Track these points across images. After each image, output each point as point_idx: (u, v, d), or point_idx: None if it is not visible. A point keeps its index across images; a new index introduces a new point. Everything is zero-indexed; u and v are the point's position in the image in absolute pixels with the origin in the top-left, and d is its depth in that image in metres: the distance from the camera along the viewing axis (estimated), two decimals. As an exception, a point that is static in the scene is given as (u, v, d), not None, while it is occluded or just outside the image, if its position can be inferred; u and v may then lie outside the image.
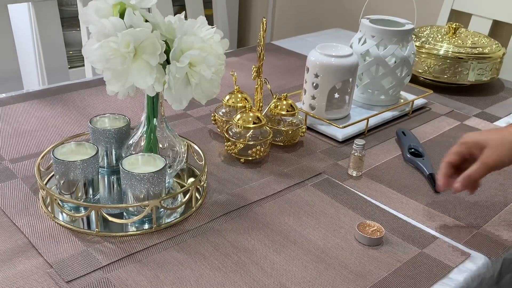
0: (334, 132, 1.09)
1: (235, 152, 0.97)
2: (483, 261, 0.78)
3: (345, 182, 0.95)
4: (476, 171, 0.75)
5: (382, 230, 0.79)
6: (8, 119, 1.09)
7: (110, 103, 1.20)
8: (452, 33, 1.42)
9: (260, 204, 0.87)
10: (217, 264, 0.73)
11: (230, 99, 1.06)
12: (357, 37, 1.20)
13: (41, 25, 1.44)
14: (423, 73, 1.38)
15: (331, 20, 2.37)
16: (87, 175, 0.79)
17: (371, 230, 0.79)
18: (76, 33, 2.22)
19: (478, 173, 0.75)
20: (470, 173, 0.75)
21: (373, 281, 0.72)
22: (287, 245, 0.77)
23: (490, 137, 0.75)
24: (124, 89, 0.73)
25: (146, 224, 0.80)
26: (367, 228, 0.79)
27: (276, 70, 1.48)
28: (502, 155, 0.74)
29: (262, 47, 1.00)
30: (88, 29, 0.72)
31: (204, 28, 0.75)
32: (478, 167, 0.75)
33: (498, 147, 0.74)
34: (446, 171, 0.79)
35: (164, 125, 0.84)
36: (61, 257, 0.72)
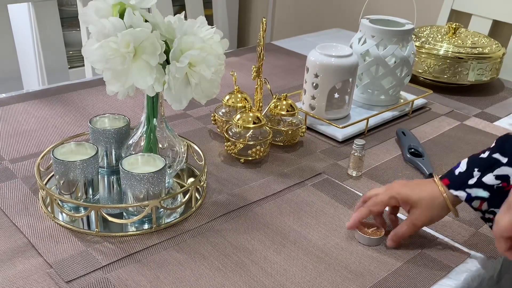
0: (334, 132, 1.09)
1: (235, 152, 0.97)
2: (483, 261, 0.78)
3: (345, 182, 0.95)
4: (406, 231, 0.76)
5: (382, 230, 0.79)
6: (8, 119, 1.09)
7: (110, 103, 1.20)
8: (452, 33, 1.42)
9: (260, 204, 0.87)
10: (217, 264, 0.73)
11: (230, 99, 1.06)
12: (357, 37, 1.20)
13: (41, 25, 1.44)
14: (423, 73, 1.38)
15: (331, 20, 2.37)
16: (87, 175, 0.79)
17: (371, 230, 0.79)
18: (76, 33, 2.22)
19: (408, 232, 0.76)
20: (399, 233, 0.77)
21: (373, 281, 0.72)
22: (287, 245, 0.77)
23: (420, 197, 0.75)
24: (124, 89, 0.73)
25: (146, 224, 0.80)
26: (367, 228, 0.79)
27: (276, 70, 1.48)
28: (432, 216, 0.75)
29: (262, 47, 1.00)
30: (88, 29, 0.72)
31: (204, 28, 0.75)
32: (408, 227, 0.76)
33: (428, 208, 0.75)
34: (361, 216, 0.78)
35: (164, 125, 0.84)
36: (61, 257, 0.72)
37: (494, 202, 0.71)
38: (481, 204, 0.71)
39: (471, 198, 0.71)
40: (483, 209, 0.73)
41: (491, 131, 1.18)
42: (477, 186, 0.71)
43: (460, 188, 0.72)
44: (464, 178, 0.72)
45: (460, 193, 0.72)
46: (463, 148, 1.10)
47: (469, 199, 0.72)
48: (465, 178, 0.72)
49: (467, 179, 0.72)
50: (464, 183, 0.72)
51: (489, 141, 1.13)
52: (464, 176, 0.72)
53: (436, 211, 0.75)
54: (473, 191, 0.71)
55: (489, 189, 0.70)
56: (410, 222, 0.76)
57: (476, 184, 0.71)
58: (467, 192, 0.72)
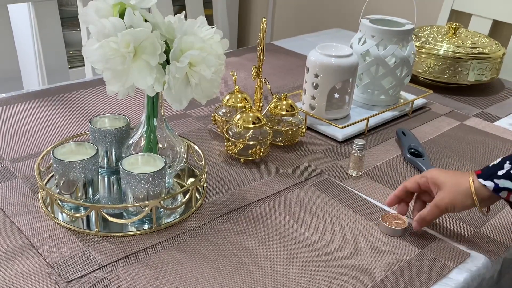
0: (334, 132, 1.09)
1: (235, 152, 0.97)
2: (483, 261, 0.78)
3: (345, 182, 0.95)
4: (429, 213, 0.79)
5: (406, 222, 0.82)
6: (8, 119, 1.09)
7: (110, 103, 1.20)
8: (452, 33, 1.42)
9: (260, 204, 0.87)
10: (217, 264, 0.73)
11: (230, 99, 1.06)
12: (357, 37, 1.20)
13: (41, 25, 1.44)
14: (423, 73, 1.38)
15: (331, 20, 2.37)
16: (87, 175, 0.79)
17: (395, 222, 0.81)
18: (76, 33, 2.22)
19: (431, 215, 0.79)
20: (423, 214, 0.80)
21: (373, 281, 0.72)
22: (287, 245, 0.77)
23: (448, 180, 0.78)
24: (124, 89, 0.73)
25: (146, 224, 0.80)
26: (392, 219, 0.82)
27: (276, 70, 1.48)
28: (454, 201, 0.77)
29: (262, 47, 1.00)
30: (88, 29, 0.72)
31: (204, 28, 0.75)
32: (431, 209, 0.79)
33: (452, 192, 0.77)
34: (399, 193, 0.83)
35: (164, 125, 0.84)
36: (61, 257, 0.72)
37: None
38: (509, 195, 0.73)
39: (498, 188, 0.73)
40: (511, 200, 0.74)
41: (491, 131, 1.18)
42: (505, 178, 0.72)
43: (489, 178, 0.74)
44: (495, 169, 0.74)
45: (488, 183, 0.74)
46: (463, 148, 1.10)
47: (496, 189, 0.73)
48: (496, 169, 0.74)
49: (497, 170, 0.74)
50: (493, 173, 0.74)
51: (489, 141, 1.13)
52: (495, 168, 0.74)
53: (460, 196, 0.76)
54: (501, 182, 0.73)
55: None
56: (433, 203, 0.78)
57: (505, 176, 0.72)
58: (495, 182, 0.73)
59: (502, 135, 1.17)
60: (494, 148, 1.11)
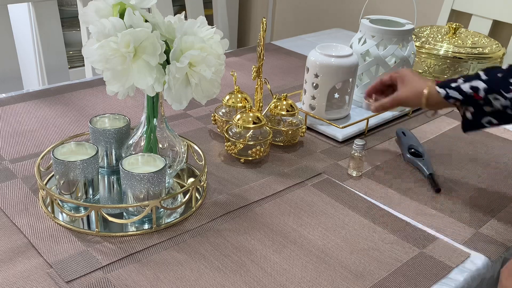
0: (334, 132, 1.09)
1: (235, 152, 0.97)
2: (483, 261, 0.78)
3: (345, 182, 0.95)
4: (388, 101, 0.96)
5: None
6: (8, 119, 1.09)
7: (110, 103, 1.20)
8: (452, 33, 1.42)
9: (260, 204, 0.87)
10: (217, 264, 0.73)
11: (230, 99, 1.06)
12: (357, 37, 1.20)
13: (41, 25, 1.44)
14: (423, 73, 1.38)
15: (331, 20, 2.37)
16: (87, 175, 0.79)
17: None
18: (76, 33, 2.22)
19: (389, 103, 0.96)
20: (383, 102, 0.97)
21: (373, 281, 0.72)
22: (287, 245, 0.77)
23: (411, 80, 0.94)
24: (124, 89, 0.73)
25: (146, 224, 0.80)
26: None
27: (276, 70, 1.48)
28: (409, 98, 0.93)
29: (262, 47, 1.00)
30: (88, 29, 0.72)
31: (204, 28, 0.75)
32: (390, 99, 0.96)
33: (410, 90, 0.93)
34: (376, 86, 1.00)
35: (164, 125, 0.84)
36: (61, 257, 0.72)
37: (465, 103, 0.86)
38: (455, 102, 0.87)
39: (448, 96, 0.87)
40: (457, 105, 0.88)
41: (491, 131, 1.18)
42: (455, 90, 0.86)
43: (443, 87, 0.88)
44: (450, 82, 0.88)
45: (441, 90, 0.88)
46: (463, 148, 1.10)
47: (446, 96, 0.87)
48: (450, 82, 0.88)
49: (451, 82, 0.88)
50: (447, 84, 0.88)
51: (489, 141, 1.13)
52: (451, 81, 0.88)
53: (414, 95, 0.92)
54: (451, 91, 0.87)
55: (462, 94, 0.85)
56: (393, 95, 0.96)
57: (455, 88, 0.86)
58: (446, 91, 0.87)
59: (502, 135, 1.17)
60: (494, 148, 1.11)
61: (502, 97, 0.82)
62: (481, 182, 0.98)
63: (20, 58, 1.44)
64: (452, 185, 0.96)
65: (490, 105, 0.84)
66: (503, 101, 0.83)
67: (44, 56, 1.47)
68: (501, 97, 0.82)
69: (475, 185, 0.97)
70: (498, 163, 1.05)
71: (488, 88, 0.84)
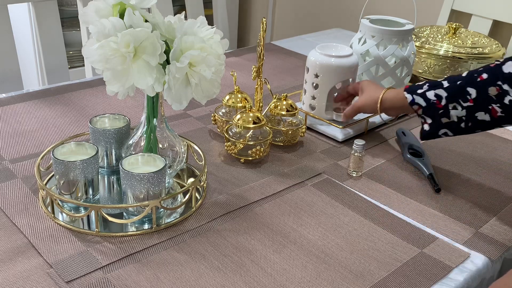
0: (334, 132, 1.09)
1: (235, 152, 0.97)
2: (483, 261, 0.78)
3: (345, 182, 0.95)
4: (348, 109, 1.06)
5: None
6: (8, 119, 1.09)
7: (110, 103, 1.20)
8: (452, 33, 1.42)
9: (260, 204, 0.87)
10: (217, 264, 0.73)
11: (230, 99, 1.06)
12: (357, 37, 1.20)
13: (41, 25, 1.44)
14: (423, 73, 1.38)
15: (331, 20, 2.37)
16: (87, 175, 0.79)
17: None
18: (76, 33, 2.22)
19: (350, 111, 1.06)
20: (345, 111, 1.07)
21: (373, 281, 0.72)
22: (287, 245, 0.77)
23: (369, 89, 1.03)
24: (124, 89, 0.73)
25: (146, 224, 0.80)
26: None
27: (276, 70, 1.48)
28: (365, 105, 1.02)
29: (262, 47, 1.00)
30: (88, 29, 0.72)
31: (204, 28, 0.75)
32: (350, 108, 1.06)
33: (366, 97, 1.02)
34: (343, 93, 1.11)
35: (164, 125, 0.84)
36: (61, 257, 0.72)
37: (426, 111, 0.91)
38: (418, 109, 0.93)
39: (413, 102, 0.92)
40: (419, 113, 0.93)
41: (491, 131, 1.18)
42: (421, 96, 0.92)
43: (411, 92, 0.93)
44: (417, 88, 0.93)
45: (408, 96, 0.93)
46: (463, 148, 1.10)
47: (411, 102, 0.93)
48: (417, 88, 0.93)
49: (417, 89, 0.93)
50: (414, 90, 0.93)
51: (489, 141, 1.13)
52: (418, 87, 0.93)
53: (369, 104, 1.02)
54: (417, 98, 0.92)
55: (427, 101, 0.91)
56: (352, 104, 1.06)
57: (421, 94, 0.92)
58: (413, 96, 0.93)
59: (502, 135, 1.17)
60: (494, 148, 1.11)
61: (460, 106, 0.87)
62: (481, 182, 0.98)
63: (20, 58, 1.44)
64: (452, 185, 0.96)
65: (448, 117, 0.88)
66: (459, 110, 0.87)
67: (44, 56, 1.47)
68: (459, 106, 0.87)
69: (475, 185, 0.97)
70: (498, 163, 1.05)
71: (448, 96, 0.88)
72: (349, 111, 1.06)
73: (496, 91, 0.83)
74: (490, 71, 0.85)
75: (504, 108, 0.84)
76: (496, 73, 0.84)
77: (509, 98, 0.83)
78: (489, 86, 0.84)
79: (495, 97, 0.84)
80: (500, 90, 0.83)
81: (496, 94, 0.84)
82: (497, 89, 0.83)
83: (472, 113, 0.86)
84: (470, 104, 0.86)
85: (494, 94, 0.84)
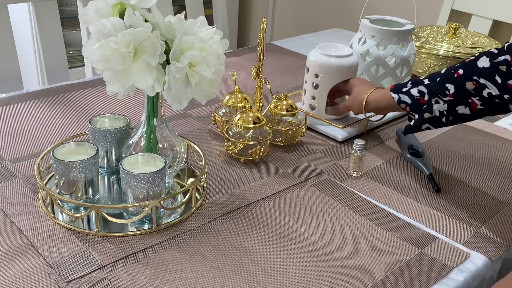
0: (334, 132, 1.09)
1: (235, 152, 0.97)
2: (483, 261, 0.78)
3: (345, 182, 0.95)
4: (341, 105, 1.10)
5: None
6: (8, 119, 1.09)
7: (110, 103, 1.20)
8: (452, 33, 1.42)
9: (260, 204, 0.87)
10: (217, 264, 0.73)
11: (230, 99, 1.06)
12: (357, 37, 1.20)
13: (41, 25, 1.44)
14: (423, 73, 1.38)
15: (331, 20, 2.37)
16: (87, 175, 0.79)
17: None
18: (76, 33, 2.22)
19: (342, 107, 1.10)
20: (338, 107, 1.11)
21: (373, 281, 0.72)
22: (287, 245, 0.77)
23: (357, 89, 1.05)
24: (124, 89, 0.73)
25: (146, 224, 0.80)
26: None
27: (276, 70, 1.48)
28: (352, 105, 1.06)
29: (262, 47, 1.00)
30: (88, 29, 0.72)
31: (204, 28, 0.75)
32: (342, 105, 1.10)
33: (353, 99, 1.05)
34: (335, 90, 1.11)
35: (164, 125, 0.84)
36: (61, 257, 0.72)
37: (413, 108, 0.95)
38: (406, 107, 0.96)
39: (400, 101, 0.96)
40: (407, 110, 0.97)
41: (491, 131, 1.18)
42: (406, 94, 0.95)
43: (396, 92, 0.97)
44: (402, 86, 0.97)
45: (395, 95, 0.97)
46: (463, 148, 1.10)
47: (398, 101, 0.96)
48: (402, 87, 0.97)
49: (402, 88, 0.97)
50: (400, 89, 0.97)
51: (489, 141, 1.13)
52: (402, 86, 0.97)
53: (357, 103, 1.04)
54: (403, 96, 0.96)
55: (411, 98, 0.94)
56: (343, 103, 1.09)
57: (406, 92, 0.95)
58: (399, 95, 0.96)
59: (502, 135, 1.17)
60: (494, 148, 1.11)
61: (441, 100, 0.90)
62: (481, 182, 0.98)
63: (20, 58, 1.44)
64: (452, 185, 0.96)
65: (430, 112, 0.92)
66: (441, 104, 0.90)
67: (44, 56, 1.47)
68: (440, 101, 0.90)
69: (475, 185, 0.97)
70: (498, 163, 1.05)
71: (429, 92, 0.92)
72: (340, 108, 1.10)
73: (473, 85, 0.86)
74: (465, 66, 0.88)
75: (483, 100, 0.86)
76: (472, 68, 0.86)
77: (488, 91, 0.85)
78: (466, 81, 0.87)
79: (473, 91, 0.86)
80: (477, 84, 0.85)
81: (474, 88, 0.86)
82: (474, 83, 0.86)
83: (453, 107, 0.89)
84: (450, 98, 0.89)
85: (471, 88, 0.86)
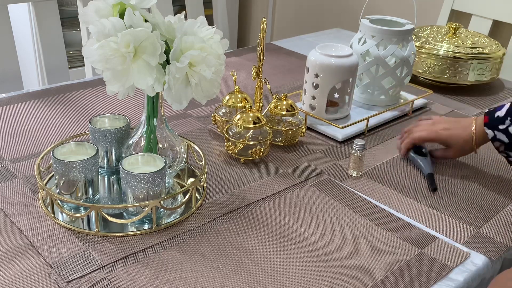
0: (334, 132, 1.09)
1: (235, 152, 0.97)
2: (483, 261, 0.78)
3: (345, 182, 0.95)
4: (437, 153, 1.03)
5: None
6: (8, 119, 1.09)
7: (110, 103, 1.20)
8: (452, 33, 1.42)
9: (260, 204, 0.87)
10: (217, 264, 0.73)
11: (230, 99, 1.06)
12: (357, 37, 1.20)
13: (41, 25, 1.44)
14: (423, 73, 1.38)
15: (331, 20, 2.37)
16: (87, 175, 0.79)
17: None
18: (76, 33, 2.22)
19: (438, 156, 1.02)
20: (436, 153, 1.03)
21: (373, 281, 0.72)
22: (287, 245, 0.77)
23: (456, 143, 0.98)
24: (124, 89, 0.73)
25: (146, 224, 0.80)
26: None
27: (276, 70, 1.48)
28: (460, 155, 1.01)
29: (262, 47, 1.00)
30: (88, 29, 0.72)
31: (204, 28, 0.75)
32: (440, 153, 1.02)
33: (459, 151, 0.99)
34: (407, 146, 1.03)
35: (164, 125, 0.84)
36: (61, 257, 0.72)
37: (509, 147, 0.90)
38: (500, 145, 0.92)
39: (494, 138, 0.91)
40: (500, 150, 0.93)
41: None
42: (503, 132, 0.89)
43: (491, 128, 0.91)
44: (498, 122, 0.90)
45: (489, 132, 0.91)
46: (463, 148, 1.10)
47: (493, 138, 0.91)
48: (498, 122, 0.90)
49: (499, 124, 0.90)
50: (496, 126, 0.90)
51: (489, 141, 1.13)
52: (499, 121, 0.90)
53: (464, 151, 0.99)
54: (498, 134, 0.90)
55: (510, 138, 0.88)
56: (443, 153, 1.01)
57: (503, 130, 0.89)
58: (494, 133, 0.91)
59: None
60: (494, 148, 1.11)
61: None
62: (481, 182, 0.98)
63: (20, 58, 1.44)
64: (452, 185, 0.96)
65: None
66: None
67: (44, 56, 1.47)
68: None
69: (475, 185, 0.97)
70: (498, 163, 1.05)
71: None
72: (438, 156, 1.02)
73: None
74: None
75: None
76: None
77: None
78: None
79: None
80: None
81: None
82: None
83: None
84: None
85: None
